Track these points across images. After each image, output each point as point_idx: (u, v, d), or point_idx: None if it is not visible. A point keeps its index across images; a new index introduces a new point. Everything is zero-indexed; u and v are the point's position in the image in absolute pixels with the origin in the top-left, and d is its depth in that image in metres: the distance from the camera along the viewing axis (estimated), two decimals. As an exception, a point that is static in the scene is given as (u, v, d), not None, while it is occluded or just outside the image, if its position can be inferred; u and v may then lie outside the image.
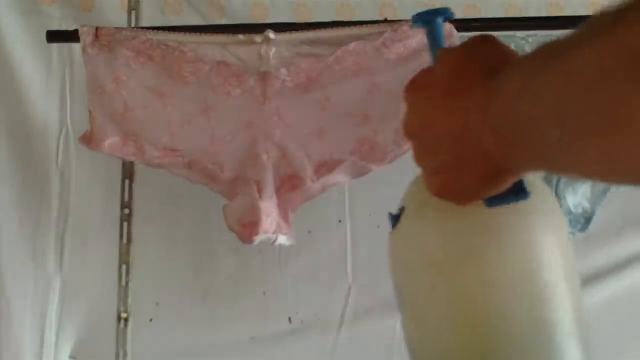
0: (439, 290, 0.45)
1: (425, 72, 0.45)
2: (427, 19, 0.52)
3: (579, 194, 1.31)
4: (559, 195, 1.28)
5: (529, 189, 0.43)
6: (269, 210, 1.23)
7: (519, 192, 0.43)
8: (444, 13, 0.52)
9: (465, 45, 0.43)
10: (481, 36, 0.43)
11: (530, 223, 0.45)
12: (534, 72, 0.34)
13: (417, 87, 0.43)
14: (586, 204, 1.33)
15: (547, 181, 1.28)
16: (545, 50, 0.34)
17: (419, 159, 0.44)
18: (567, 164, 0.33)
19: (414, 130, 0.43)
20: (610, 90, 0.27)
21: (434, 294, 0.45)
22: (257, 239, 1.22)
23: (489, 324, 0.43)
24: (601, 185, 1.32)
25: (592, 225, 1.42)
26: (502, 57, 0.41)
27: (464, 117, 0.39)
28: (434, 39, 0.51)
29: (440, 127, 0.40)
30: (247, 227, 1.21)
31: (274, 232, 1.25)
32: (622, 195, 1.43)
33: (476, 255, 0.44)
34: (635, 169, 0.28)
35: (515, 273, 0.43)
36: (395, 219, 0.48)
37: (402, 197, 0.50)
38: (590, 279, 1.57)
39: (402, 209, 0.48)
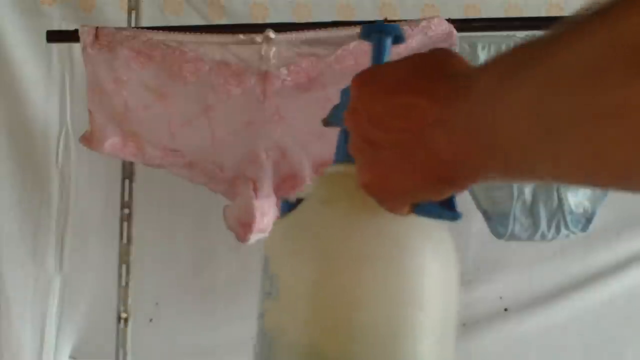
0: (322, 286, 0.44)
1: (376, 67, 0.44)
2: (376, 36, 0.51)
3: (579, 194, 1.31)
4: (560, 196, 1.28)
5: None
6: (265, 210, 1.22)
7: (452, 210, 0.42)
8: (393, 31, 0.50)
9: (419, 52, 0.42)
10: (435, 47, 0.42)
11: (427, 245, 0.45)
12: (513, 69, 0.32)
13: (364, 80, 0.42)
14: (587, 204, 1.33)
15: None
16: (525, 48, 0.33)
17: (357, 149, 0.42)
18: (545, 165, 0.32)
19: (357, 121, 0.42)
20: (605, 82, 0.26)
21: (316, 289, 0.44)
22: (252, 237, 1.21)
23: (354, 332, 0.43)
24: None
25: (592, 225, 1.42)
26: (461, 62, 0.40)
27: (420, 115, 0.38)
28: (378, 56, 0.50)
29: (389, 122, 0.39)
30: (243, 227, 1.21)
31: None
32: (622, 196, 1.43)
33: (371, 263, 0.43)
34: (624, 163, 0.27)
35: (398, 290, 0.43)
36: (289, 207, 0.47)
37: (299, 191, 0.50)
38: (590, 279, 1.57)
39: (299, 200, 0.47)
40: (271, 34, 1.28)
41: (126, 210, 1.50)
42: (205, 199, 1.45)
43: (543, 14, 1.56)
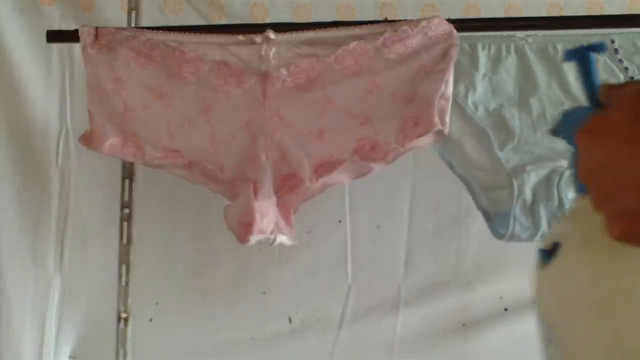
0: (601, 330, 0.44)
1: (600, 117, 0.43)
2: (580, 56, 0.50)
3: (579, 194, 1.31)
4: (560, 196, 1.28)
5: None
6: (265, 210, 1.22)
7: None
8: (597, 48, 0.50)
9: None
10: None
11: None
12: None
13: (592, 132, 0.43)
14: (586, 204, 1.33)
15: (548, 181, 1.28)
16: None
17: (599, 204, 0.43)
18: None
19: (591, 176, 0.43)
20: None
21: (596, 334, 0.45)
22: (253, 238, 1.21)
23: None
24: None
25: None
26: None
27: None
28: (587, 74, 0.50)
29: (627, 173, 0.40)
30: (243, 227, 1.21)
31: (271, 233, 1.25)
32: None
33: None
34: None
35: None
36: (547, 254, 0.48)
37: (552, 232, 0.50)
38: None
39: (556, 245, 0.48)
40: (271, 35, 1.28)
41: (126, 210, 1.50)
42: (205, 199, 1.45)
43: (543, 14, 1.56)
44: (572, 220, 0.50)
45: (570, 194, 1.28)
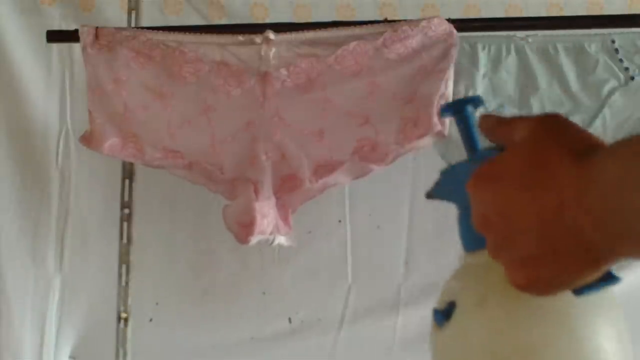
0: None
1: (493, 163, 0.41)
2: (456, 109, 0.48)
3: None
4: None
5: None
6: (265, 211, 1.22)
7: (609, 276, 0.41)
8: (472, 100, 0.48)
9: (536, 126, 0.40)
10: (549, 115, 0.40)
11: (597, 319, 0.44)
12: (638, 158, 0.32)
13: (486, 179, 0.40)
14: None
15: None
16: None
17: (498, 253, 0.41)
18: None
19: (489, 224, 0.40)
20: None
21: None
22: (253, 239, 1.21)
23: None
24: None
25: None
26: (583, 136, 0.38)
27: (555, 204, 0.37)
28: (466, 128, 0.48)
29: (524, 218, 0.38)
30: (243, 228, 1.21)
31: (271, 233, 1.25)
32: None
33: (544, 354, 0.42)
34: None
35: None
36: (443, 315, 0.45)
37: (444, 291, 0.47)
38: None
39: (450, 305, 0.45)
40: (271, 35, 1.28)
41: (126, 210, 1.50)
42: (205, 199, 1.45)
43: (543, 14, 1.56)
44: (465, 278, 0.47)
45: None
